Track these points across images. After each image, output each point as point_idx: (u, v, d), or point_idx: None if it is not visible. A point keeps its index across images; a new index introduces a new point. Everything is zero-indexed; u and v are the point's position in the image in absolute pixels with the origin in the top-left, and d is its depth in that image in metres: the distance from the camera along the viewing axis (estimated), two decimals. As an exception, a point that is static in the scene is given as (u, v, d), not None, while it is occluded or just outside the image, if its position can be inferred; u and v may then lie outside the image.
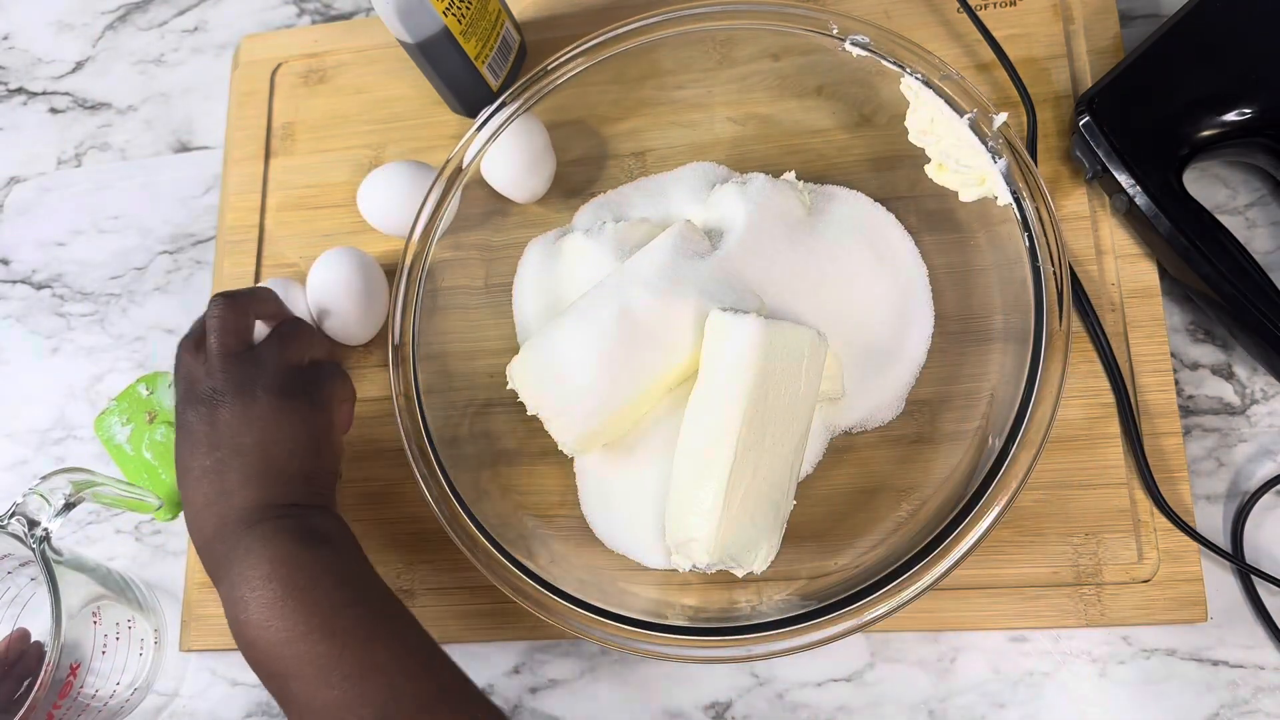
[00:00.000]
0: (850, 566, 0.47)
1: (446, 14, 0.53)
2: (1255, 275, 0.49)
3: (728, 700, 0.52)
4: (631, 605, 0.47)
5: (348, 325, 0.57)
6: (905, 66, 0.50)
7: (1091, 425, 0.51)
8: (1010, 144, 0.48)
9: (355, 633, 0.42)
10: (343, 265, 0.56)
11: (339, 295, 0.56)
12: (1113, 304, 0.52)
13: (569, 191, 0.59)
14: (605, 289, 0.49)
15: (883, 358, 0.52)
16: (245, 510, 0.45)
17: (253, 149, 0.65)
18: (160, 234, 0.67)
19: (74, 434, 0.63)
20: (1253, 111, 0.50)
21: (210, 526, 0.46)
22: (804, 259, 0.51)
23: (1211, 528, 0.50)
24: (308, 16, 0.70)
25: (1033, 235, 0.46)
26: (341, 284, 0.56)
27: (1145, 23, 0.58)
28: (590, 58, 0.53)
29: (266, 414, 0.47)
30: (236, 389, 0.47)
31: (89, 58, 0.72)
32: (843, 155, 0.57)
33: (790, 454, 0.47)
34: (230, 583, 0.44)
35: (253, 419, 0.47)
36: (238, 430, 0.46)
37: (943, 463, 0.49)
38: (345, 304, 0.56)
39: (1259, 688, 0.48)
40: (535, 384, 0.50)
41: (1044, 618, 0.49)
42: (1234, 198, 0.55)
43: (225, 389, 0.47)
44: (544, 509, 0.54)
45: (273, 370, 0.48)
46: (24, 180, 0.70)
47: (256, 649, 0.43)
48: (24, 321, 0.67)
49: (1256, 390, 0.52)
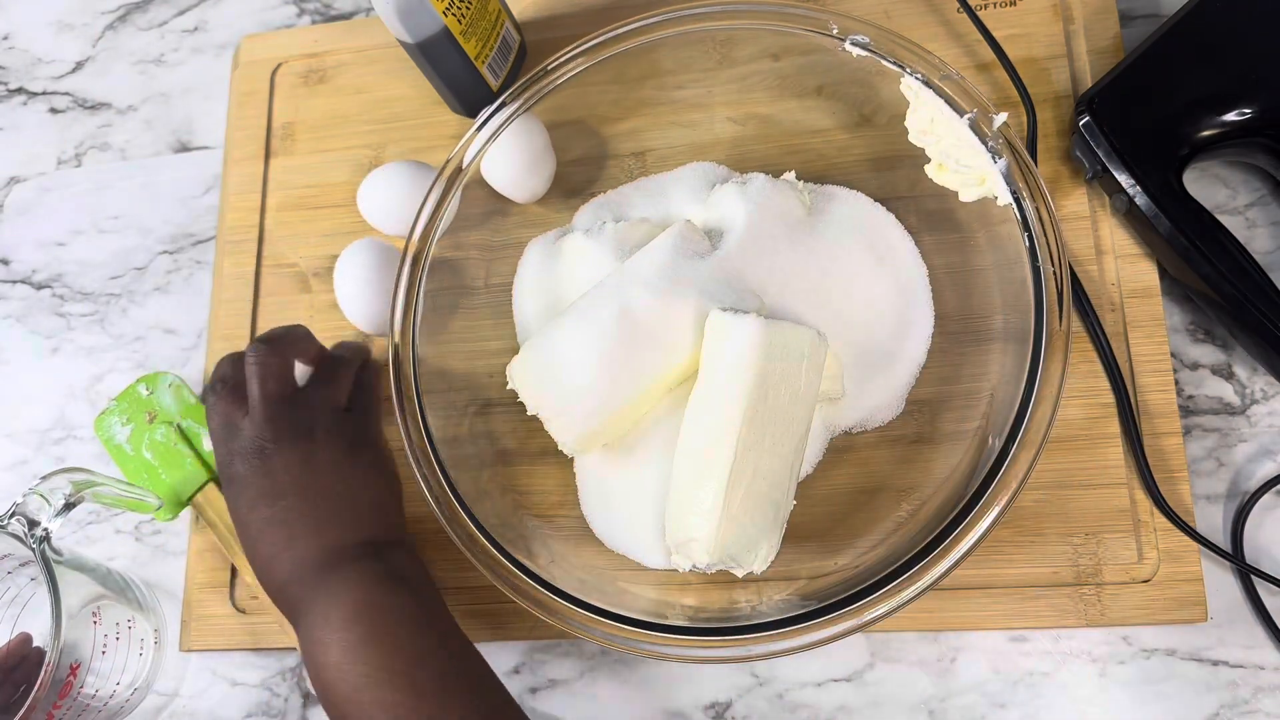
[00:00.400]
0: (850, 566, 0.47)
1: (446, 14, 0.53)
2: (1255, 275, 0.49)
3: (728, 700, 0.52)
4: (631, 605, 0.47)
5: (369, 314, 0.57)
6: (905, 66, 0.50)
7: (1091, 425, 0.51)
8: (1010, 144, 0.48)
9: (433, 685, 0.42)
10: (370, 254, 0.56)
11: (363, 283, 0.56)
12: (1113, 304, 0.52)
13: (569, 191, 0.59)
14: (605, 289, 0.49)
15: (883, 358, 0.52)
16: (322, 553, 0.45)
17: (253, 149, 0.65)
18: (160, 234, 0.67)
19: (74, 434, 0.63)
20: (1253, 111, 0.50)
21: (284, 573, 0.46)
22: (804, 259, 0.51)
23: (1211, 528, 0.50)
24: (308, 16, 0.70)
25: (1033, 235, 0.46)
26: (367, 272, 0.56)
27: (1145, 23, 0.58)
28: (590, 58, 0.53)
29: (330, 456, 0.47)
30: (291, 436, 0.47)
31: (89, 58, 0.72)
32: (843, 155, 0.57)
33: (790, 454, 0.47)
34: (310, 624, 0.43)
35: (316, 464, 0.46)
36: (300, 476, 0.46)
37: (943, 463, 0.49)
38: (368, 293, 0.56)
39: (1259, 688, 0.48)
40: (535, 384, 0.50)
41: (1044, 618, 0.49)
42: (1234, 198, 0.55)
43: (278, 436, 0.47)
44: (544, 509, 0.54)
45: (326, 411, 0.48)
46: (24, 180, 0.70)
47: (334, 691, 0.42)
48: (24, 321, 0.67)
49: (1256, 390, 0.52)
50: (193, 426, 0.59)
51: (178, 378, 0.61)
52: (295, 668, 0.56)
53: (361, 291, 0.56)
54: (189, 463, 0.58)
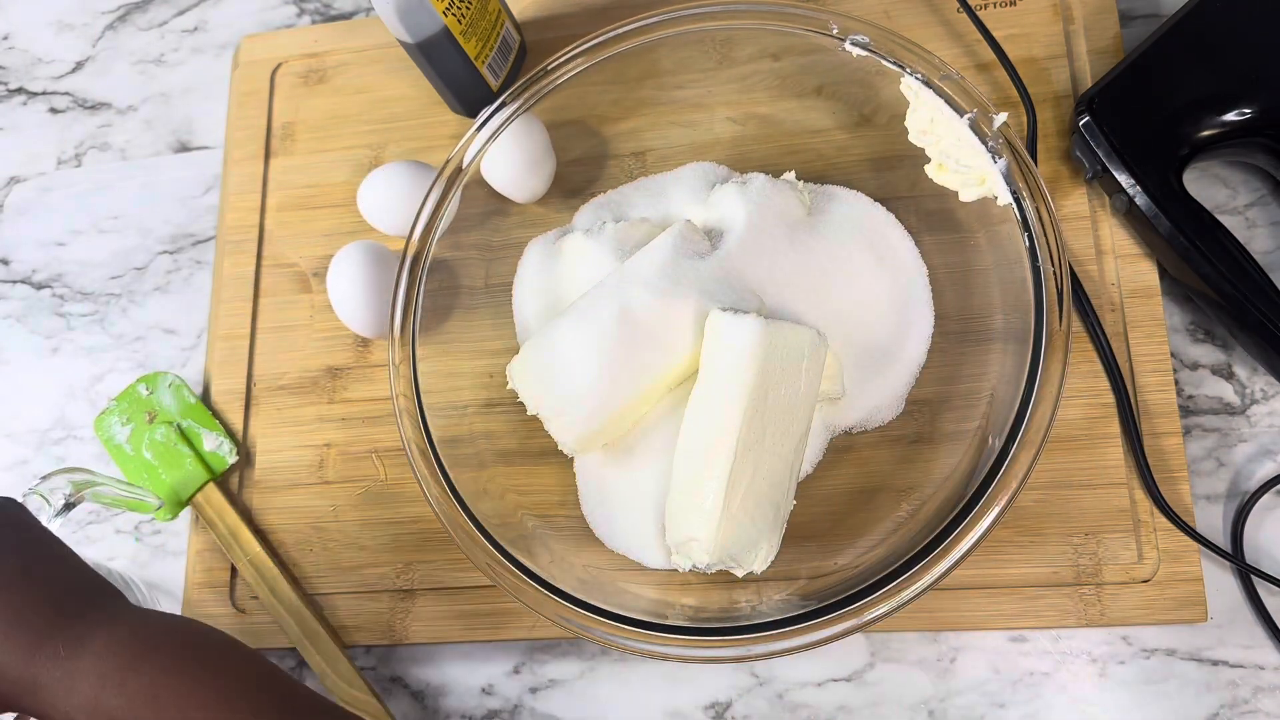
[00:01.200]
0: (850, 566, 0.47)
1: (446, 14, 0.53)
2: (1255, 275, 0.49)
3: (728, 700, 0.52)
4: (631, 605, 0.47)
5: (364, 317, 0.57)
6: (905, 66, 0.50)
7: (1091, 425, 0.51)
8: (1010, 144, 0.48)
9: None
10: (362, 255, 0.56)
11: (357, 285, 0.56)
12: (1113, 304, 0.52)
13: (569, 191, 0.59)
14: (605, 289, 0.49)
15: (883, 358, 0.52)
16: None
17: (253, 149, 0.65)
18: (160, 234, 0.67)
19: (74, 434, 0.63)
20: (1253, 111, 0.50)
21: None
22: (804, 259, 0.51)
23: (1211, 528, 0.50)
24: (308, 16, 0.70)
25: (1033, 235, 0.46)
26: (359, 275, 0.56)
27: (1145, 23, 0.58)
28: (590, 58, 0.53)
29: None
30: None
31: (89, 58, 0.72)
32: (843, 155, 0.57)
33: (790, 454, 0.47)
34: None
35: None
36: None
37: (943, 463, 0.49)
38: (362, 295, 0.56)
39: (1259, 688, 0.48)
40: (535, 384, 0.50)
41: (1044, 618, 0.49)
42: (1234, 198, 0.55)
43: None
44: (544, 509, 0.54)
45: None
46: (24, 180, 0.70)
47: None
48: (24, 321, 0.67)
49: (1256, 390, 0.52)
50: (193, 426, 0.59)
51: (178, 378, 0.61)
52: (295, 668, 0.56)
53: (355, 294, 0.56)
54: (189, 463, 0.58)
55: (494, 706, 0.54)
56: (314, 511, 0.57)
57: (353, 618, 0.55)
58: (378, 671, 0.55)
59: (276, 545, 0.57)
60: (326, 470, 0.58)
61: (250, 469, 0.59)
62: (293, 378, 0.60)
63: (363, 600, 0.55)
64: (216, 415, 0.60)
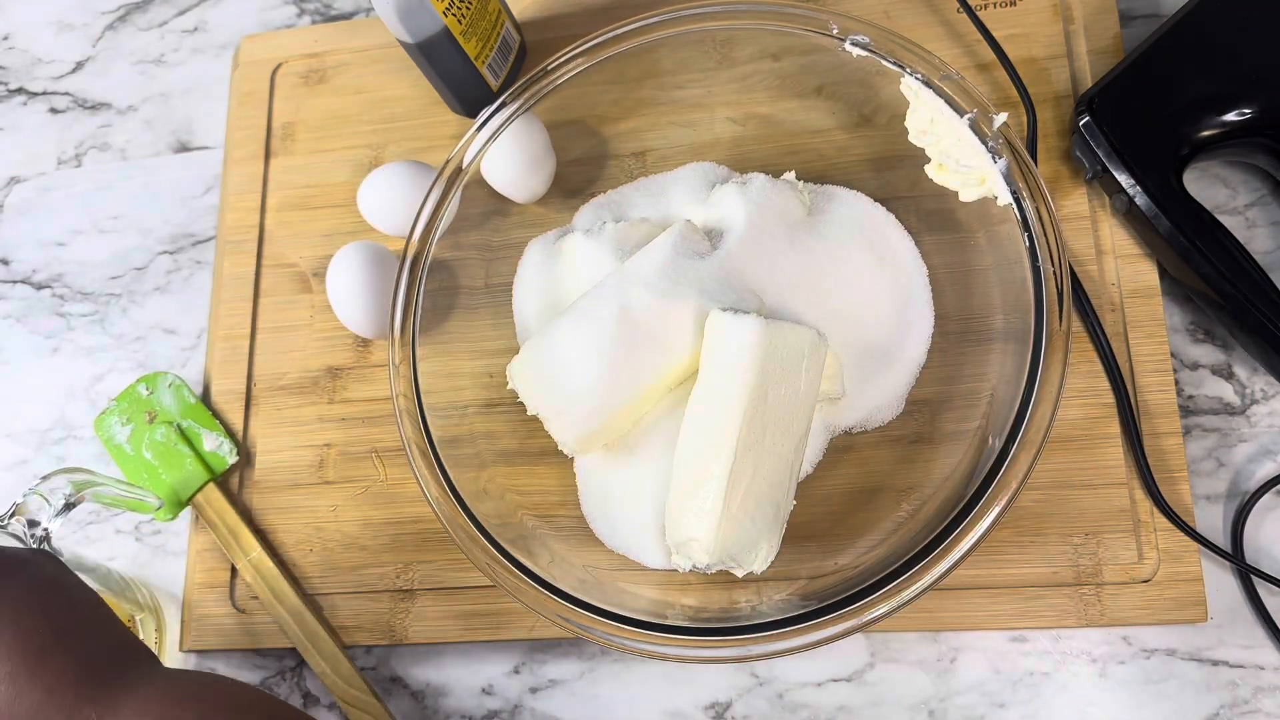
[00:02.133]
0: (850, 566, 0.47)
1: (446, 14, 0.53)
2: (1255, 275, 0.49)
3: (728, 700, 0.52)
4: (631, 605, 0.47)
5: (364, 317, 0.57)
6: (905, 66, 0.50)
7: (1091, 425, 0.51)
8: (1010, 144, 0.48)
9: None
10: (362, 255, 0.56)
11: (356, 286, 0.56)
12: (1113, 304, 0.52)
13: (569, 191, 0.59)
14: (605, 289, 0.49)
15: (883, 358, 0.52)
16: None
17: (253, 149, 0.65)
18: (160, 234, 0.67)
19: (74, 434, 0.63)
20: (1253, 111, 0.50)
21: None
22: (804, 259, 0.51)
23: (1211, 528, 0.50)
24: (308, 16, 0.70)
25: (1033, 235, 0.46)
26: (359, 275, 0.56)
27: (1145, 23, 0.58)
28: (590, 58, 0.53)
29: None
30: None
31: (89, 58, 0.72)
32: (843, 155, 0.57)
33: (790, 454, 0.47)
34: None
35: None
36: None
37: (943, 463, 0.49)
38: (360, 295, 0.56)
39: (1259, 688, 0.48)
40: (535, 384, 0.50)
41: (1044, 618, 0.49)
42: (1234, 198, 0.55)
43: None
44: (544, 509, 0.54)
45: None
46: (24, 180, 0.70)
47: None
48: (24, 321, 0.67)
49: (1256, 390, 0.52)
50: (193, 426, 0.59)
51: (178, 378, 0.61)
52: (295, 668, 0.56)
53: (355, 294, 0.56)
54: (189, 463, 0.58)
55: (494, 707, 0.54)
56: (314, 511, 0.57)
57: (353, 618, 0.55)
58: (378, 671, 0.55)
59: (276, 545, 0.57)
60: (326, 470, 0.58)
61: (250, 469, 0.59)
62: (293, 378, 0.60)
63: (363, 600, 0.55)
64: (216, 415, 0.60)
